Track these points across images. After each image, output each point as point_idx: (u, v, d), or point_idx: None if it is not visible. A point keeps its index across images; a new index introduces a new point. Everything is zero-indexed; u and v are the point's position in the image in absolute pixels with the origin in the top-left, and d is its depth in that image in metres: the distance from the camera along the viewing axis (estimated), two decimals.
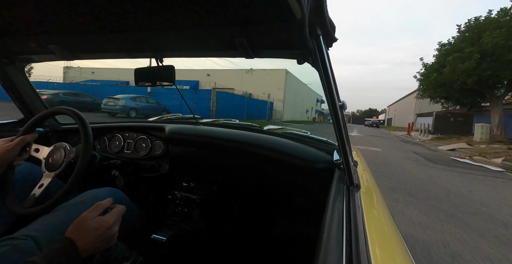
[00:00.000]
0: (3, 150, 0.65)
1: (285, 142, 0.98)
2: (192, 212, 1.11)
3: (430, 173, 4.54)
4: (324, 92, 0.58)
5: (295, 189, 0.96)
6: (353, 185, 0.63)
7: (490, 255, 1.78)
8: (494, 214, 2.61)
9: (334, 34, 0.54)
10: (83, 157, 0.65)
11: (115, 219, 0.55)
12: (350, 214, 0.47)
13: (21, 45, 0.80)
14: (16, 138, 0.69)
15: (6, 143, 0.68)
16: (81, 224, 0.51)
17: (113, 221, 0.54)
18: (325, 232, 0.40)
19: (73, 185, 0.62)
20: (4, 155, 0.65)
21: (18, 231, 0.55)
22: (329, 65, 0.54)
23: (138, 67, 0.88)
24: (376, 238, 0.43)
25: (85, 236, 0.49)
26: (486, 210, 2.72)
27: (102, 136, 1.19)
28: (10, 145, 0.67)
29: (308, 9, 0.41)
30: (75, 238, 0.48)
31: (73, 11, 0.53)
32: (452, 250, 1.80)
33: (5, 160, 0.66)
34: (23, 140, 0.69)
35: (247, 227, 1.15)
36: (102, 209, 0.56)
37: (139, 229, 0.60)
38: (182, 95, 1.44)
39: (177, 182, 1.14)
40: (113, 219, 0.54)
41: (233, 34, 0.58)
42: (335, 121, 0.61)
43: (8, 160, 0.67)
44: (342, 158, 0.67)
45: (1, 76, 0.99)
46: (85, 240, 0.49)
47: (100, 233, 0.51)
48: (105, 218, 0.53)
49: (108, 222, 0.53)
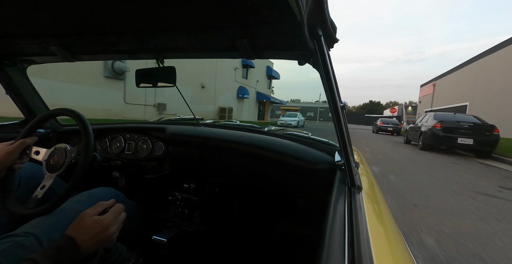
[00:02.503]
0: (3, 154, 0.65)
1: (286, 143, 0.98)
2: (192, 214, 1.10)
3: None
4: (325, 93, 0.58)
5: (296, 191, 0.95)
6: (355, 187, 0.63)
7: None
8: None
9: (335, 35, 0.54)
10: (84, 158, 0.65)
11: (111, 218, 0.55)
12: (352, 215, 0.47)
13: (23, 47, 0.80)
14: (16, 141, 0.69)
15: (6, 146, 0.68)
16: (80, 221, 0.52)
17: (109, 220, 0.54)
18: (326, 234, 0.40)
19: (74, 186, 0.62)
20: (4, 158, 0.65)
21: (18, 229, 0.56)
22: (330, 66, 0.54)
23: (139, 68, 0.88)
24: (378, 240, 0.42)
25: (84, 233, 0.50)
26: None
27: (103, 137, 1.19)
28: (10, 148, 0.67)
29: (308, 10, 0.41)
30: (75, 235, 0.49)
31: (74, 13, 0.53)
32: None
33: (5, 163, 0.66)
34: (23, 143, 0.69)
35: (248, 229, 1.14)
36: (102, 208, 0.57)
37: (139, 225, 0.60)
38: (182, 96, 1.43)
39: (177, 183, 1.14)
40: (109, 219, 0.54)
41: (234, 35, 0.58)
42: (337, 122, 0.61)
43: (9, 163, 0.67)
44: (343, 159, 0.67)
45: (3, 77, 0.99)
46: (83, 237, 0.49)
47: (96, 232, 0.51)
48: (101, 217, 0.54)
49: (103, 221, 0.53)
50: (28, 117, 1.13)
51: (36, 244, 0.53)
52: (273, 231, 1.09)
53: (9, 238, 0.52)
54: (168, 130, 1.09)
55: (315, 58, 0.57)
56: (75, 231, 0.50)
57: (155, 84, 0.87)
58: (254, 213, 1.14)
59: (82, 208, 0.66)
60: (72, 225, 0.52)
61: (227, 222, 1.16)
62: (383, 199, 0.75)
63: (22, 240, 0.52)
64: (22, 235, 0.53)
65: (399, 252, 0.44)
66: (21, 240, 0.52)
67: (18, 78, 1.02)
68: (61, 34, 0.66)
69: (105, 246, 0.55)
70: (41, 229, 0.56)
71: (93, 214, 0.54)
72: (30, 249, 0.51)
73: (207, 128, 1.16)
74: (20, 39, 0.74)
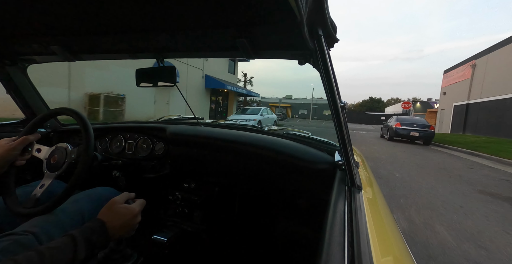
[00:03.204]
0: (5, 150, 0.66)
1: (286, 143, 0.98)
2: (193, 213, 1.11)
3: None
4: (325, 93, 0.58)
5: (296, 190, 0.95)
6: (355, 186, 0.63)
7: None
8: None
9: (336, 35, 0.54)
10: (85, 157, 0.65)
11: (140, 208, 0.60)
12: (351, 215, 0.47)
13: (23, 46, 0.80)
14: (19, 138, 0.69)
15: (9, 142, 0.68)
16: (112, 207, 0.56)
17: (139, 209, 0.59)
18: (326, 233, 0.40)
19: (74, 185, 0.62)
20: (6, 154, 0.66)
21: (17, 227, 0.56)
22: (331, 66, 0.54)
23: (140, 68, 0.88)
24: (378, 239, 0.42)
25: (115, 218, 0.54)
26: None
27: (103, 136, 1.19)
28: (13, 144, 0.67)
29: (308, 9, 0.41)
30: (106, 220, 0.52)
31: (74, 12, 0.53)
32: None
33: (7, 160, 0.66)
34: (26, 140, 0.70)
35: (248, 228, 1.15)
36: (127, 197, 0.61)
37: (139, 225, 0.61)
38: (183, 95, 1.43)
39: (178, 182, 1.14)
40: (139, 208, 0.59)
41: (234, 34, 0.58)
42: (337, 122, 0.61)
43: (10, 160, 0.67)
44: (343, 159, 0.67)
45: (4, 77, 0.99)
46: (114, 223, 0.53)
47: (127, 219, 0.55)
48: (132, 206, 0.58)
49: (134, 209, 0.58)
50: (29, 116, 1.13)
51: (35, 243, 0.53)
52: (273, 230, 1.09)
53: (8, 236, 0.52)
54: (168, 130, 1.10)
55: (315, 58, 0.57)
56: (107, 216, 0.53)
57: (155, 84, 0.87)
58: (254, 212, 1.14)
59: (81, 207, 0.67)
60: (103, 210, 0.55)
61: (227, 222, 1.16)
62: (383, 199, 0.75)
63: (21, 238, 0.52)
64: (22, 233, 0.53)
65: (398, 251, 0.44)
66: (20, 238, 0.52)
67: (19, 77, 1.03)
68: (62, 33, 0.67)
69: (130, 233, 0.58)
70: (41, 228, 0.57)
71: (122, 202, 0.58)
72: (29, 247, 0.51)
73: (207, 128, 1.16)
74: (20, 39, 0.74)
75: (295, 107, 44.32)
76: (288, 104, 44.25)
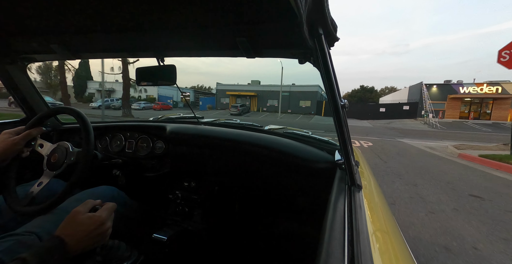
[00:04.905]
0: (8, 143, 0.66)
1: (286, 142, 0.98)
2: (193, 212, 1.11)
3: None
4: (325, 92, 0.58)
5: (296, 189, 0.95)
6: (355, 185, 0.63)
7: None
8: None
9: (336, 34, 0.53)
10: (85, 156, 0.65)
11: (107, 214, 0.55)
12: (351, 214, 0.47)
13: (23, 45, 0.80)
14: (23, 132, 0.70)
15: (12, 136, 0.68)
16: (74, 219, 0.51)
17: (105, 216, 0.55)
18: (326, 232, 0.40)
19: (74, 184, 0.62)
20: (8, 147, 0.66)
21: (20, 228, 0.56)
22: (331, 65, 0.54)
23: (140, 67, 0.88)
24: (378, 238, 0.43)
25: (77, 231, 0.50)
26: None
27: (104, 135, 1.19)
28: (16, 139, 0.67)
29: (307, 8, 0.41)
30: (67, 234, 0.48)
31: (74, 11, 0.53)
32: None
33: (9, 153, 0.67)
34: (29, 134, 0.70)
35: (248, 227, 1.15)
36: (92, 205, 0.57)
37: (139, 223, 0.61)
38: (183, 94, 1.44)
39: (178, 181, 1.14)
40: (105, 214, 0.55)
41: (235, 33, 0.58)
42: (337, 121, 0.61)
43: (12, 153, 0.67)
44: (343, 158, 0.67)
45: (3, 75, 0.99)
46: (77, 236, 0.49)
47: (92, 229, 0.51)
48: (97, 214, 0.54)
49: (100, 217, 0.54)
50: (29, 115, 1.13)
51: (38, 243, 0.53)
52: (273, 229, 1.09)
53: (11, 236, 0.52)
54: (168, 129, 1.09)
55: (316, 57, 0.57)
56: (67, 229, 0.49)
57: (156, 83, 0.87)
58: (254, 211, 1.14)
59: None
60: (63, 224, 0.51)
61: (227, 220, 1.16)
62: (383, 198, 0.75)
63: (24, 238, 0.52)
64: (24, 234, 0.54)
65: (398, 250, 0.44)
66: (22, 238, 0.52)
67: (19, 76, 1.02)
68: (62, 32, 0.66)
69: (100, 243, 0.55)
70: (43, 228, 0.57)
71: (85, 211, 0.54)
72: (31, 247, 0.51)
73: (207, 127, 1.16)
74: (20, 37, 0.74)
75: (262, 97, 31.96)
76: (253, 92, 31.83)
